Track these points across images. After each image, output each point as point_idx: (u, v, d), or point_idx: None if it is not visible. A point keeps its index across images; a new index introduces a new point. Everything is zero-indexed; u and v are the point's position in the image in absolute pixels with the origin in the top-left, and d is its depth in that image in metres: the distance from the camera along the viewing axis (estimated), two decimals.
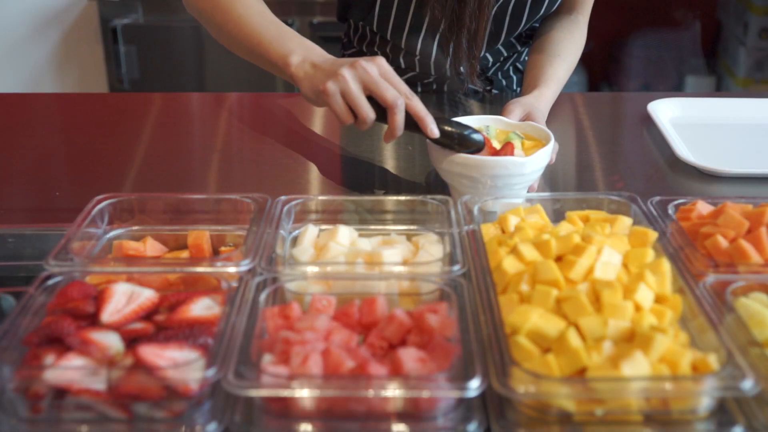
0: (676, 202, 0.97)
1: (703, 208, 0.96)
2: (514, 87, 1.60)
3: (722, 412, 0.70)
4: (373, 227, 0.99)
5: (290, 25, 2.68)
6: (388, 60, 1.49)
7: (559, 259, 0.83)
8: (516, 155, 1.04)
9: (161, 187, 1.20)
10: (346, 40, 1.60)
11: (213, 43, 2.72)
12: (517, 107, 1.19)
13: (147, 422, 0.69)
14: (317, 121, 1.45)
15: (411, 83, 1.53)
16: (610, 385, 0.67)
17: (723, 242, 0.88)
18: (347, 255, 0.90)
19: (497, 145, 1.07)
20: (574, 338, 0.71)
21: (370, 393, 0.67)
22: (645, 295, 0.76)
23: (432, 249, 0.92)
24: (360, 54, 1.54)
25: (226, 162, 1.29)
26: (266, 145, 1.35)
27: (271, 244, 0.90)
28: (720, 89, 3.51)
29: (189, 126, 1.48)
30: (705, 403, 0.69)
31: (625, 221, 0.91)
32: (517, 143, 1.07)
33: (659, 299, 0.79)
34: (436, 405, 0.69)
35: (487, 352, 0.71)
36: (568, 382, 0.68)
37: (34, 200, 1.17)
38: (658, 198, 0.98)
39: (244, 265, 0.84)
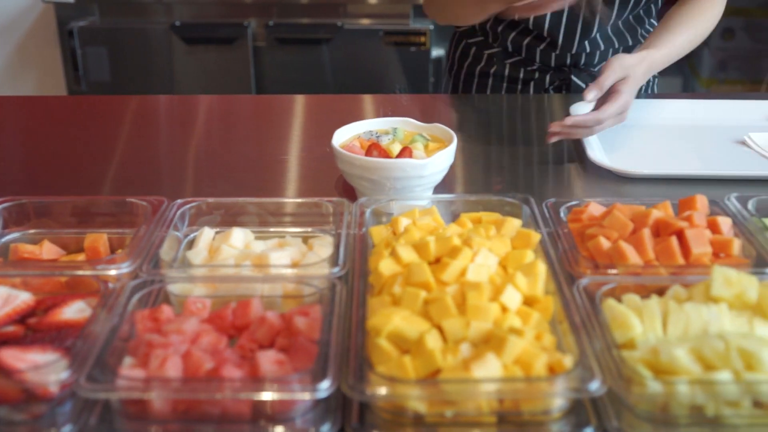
0: (568, 204, 0.98)
1: (595, 209, 0.96)
2: None
3: (578, 414, 0.71)
4: (272, 229, 1.00)
5: (246, 27, 2.71)
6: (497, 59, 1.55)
7: (438, 261, 0.83)
8: (417, 157, 1.05)
9: (78, 189, 1.20)
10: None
11: (174, 46, 2.74)
12: (616, 69, 1.22)
13: (5, 425, 0.70)
14: (258, 124, 1.46)
15: (513, 75, 1.58)
16: (460, 387, 0.68)
17: (605, 243, 0.88)
18: (237, 257, 0.90)
19: (398, 147, 1.07)
20: (430, 340, 0.71)
21: (219, 395, 0.67)
22: (512, 296, 0.77)
23: (323, 251, 0.92)
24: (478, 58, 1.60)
25: (137, 163, 1.29)
26: (191, 148, 1.36)
27: (158, 246, 0.90)
28: (686, 90, 3.52)
29: (124, 128, 1.48)
30: (558, 404, 0.70)
31: (513, 223, 0.91)
32: (419, 145, 1.08)
33: (529, 301, 0.79)
34: (292, 406, 0.70)
35: (349, 354, 0.72)
36: (419, 384, 0.68)
37: None
38: (552, 200, 0.99)
39: (125, 268, 0.85)
